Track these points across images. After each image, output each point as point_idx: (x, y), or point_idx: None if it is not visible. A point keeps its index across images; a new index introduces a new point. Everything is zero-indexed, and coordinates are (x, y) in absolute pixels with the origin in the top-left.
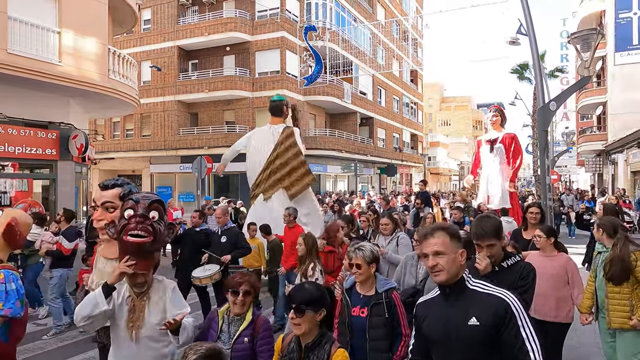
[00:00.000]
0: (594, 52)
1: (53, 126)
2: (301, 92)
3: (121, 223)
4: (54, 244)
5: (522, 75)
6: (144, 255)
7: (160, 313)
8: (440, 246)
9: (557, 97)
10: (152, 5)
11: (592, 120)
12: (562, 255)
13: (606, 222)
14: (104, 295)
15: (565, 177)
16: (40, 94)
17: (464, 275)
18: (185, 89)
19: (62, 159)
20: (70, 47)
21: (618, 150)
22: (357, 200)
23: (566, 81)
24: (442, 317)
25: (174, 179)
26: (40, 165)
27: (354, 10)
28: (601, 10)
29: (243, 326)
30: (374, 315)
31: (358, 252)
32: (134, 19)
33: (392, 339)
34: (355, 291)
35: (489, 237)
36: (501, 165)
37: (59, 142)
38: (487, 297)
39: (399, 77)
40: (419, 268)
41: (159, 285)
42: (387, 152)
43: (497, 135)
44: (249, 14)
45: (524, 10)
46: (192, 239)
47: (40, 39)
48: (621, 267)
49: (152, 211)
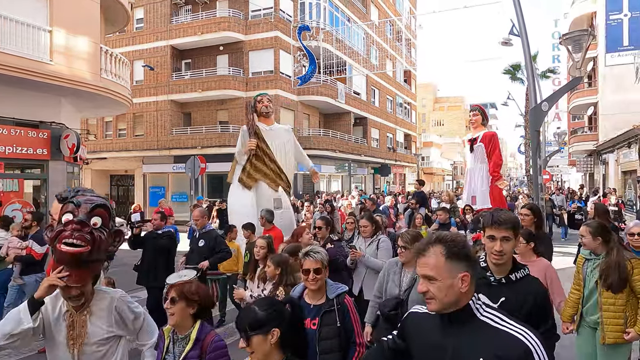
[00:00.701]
0: (585, 53)
1: (44, 126)
2: (295, 92)
3: (57, 229)
4: (24, 249)
5: (515, 75)
6: (80, 266)
7: (106, 327)
8: (432, 270)
9: (549, 97)
10: (144, 4)
11: (584, 121)
12: (542, 260)
13: (596, 226)
14: (29, 311)
15: (557, 177)
16: (31, 93)
17: (470, 303)
18: (179, 89)
19: (54, 159)
20: (61, 45)
21: (609, 150)
22: (349, 202)
23: (558, 82)
24: (439, 346)
25: (167, 179)
26: (31, 165)
27: (347, 11)
28: (592, 12)
29: (188, 347)
30: (324, 325)
31: (316, 256)
32: (127, 17)
33: (345, 351)
34: (304, 302)
35: (505, 228)
36: (481, 165)
37: (50, 141)
38: (503, 336)
39: (392, 78)
40: (403, 276)
41: (102, 296)
42: (380, 152)
43: (477, 134)
44: (243, 13)
45: (516, 11)
46: (153, 242)
47: (31, 37)
48: (619, 275)
49: (95, 217)
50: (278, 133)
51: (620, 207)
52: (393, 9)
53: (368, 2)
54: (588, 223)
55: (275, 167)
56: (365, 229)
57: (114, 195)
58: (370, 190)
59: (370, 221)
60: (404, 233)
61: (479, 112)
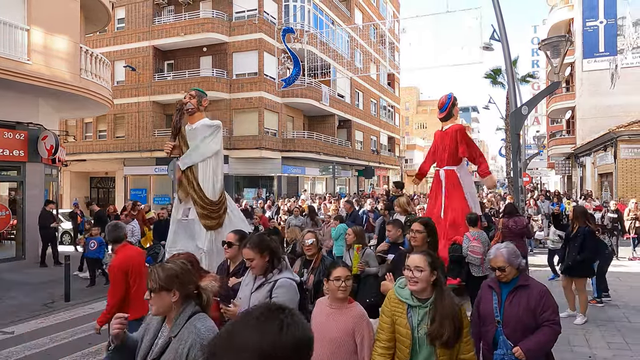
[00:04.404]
0: (563, 59)
1: (21, 126)
2: (279, 94)
3: None
4: None
5: (495, 80)
6: None
7: None
8: None
9: (529, 101)
10: (126, 4)
11: (562, 124)
12: (356, 306)
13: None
14: None
15: (537, 180)
16: (7, 94)
17: None
18: (161, 90)
19: (31, 161)
20: (40, 45)
21: (586, 153)
22: (334, 206)
23: (537, 86)
24: None
25: (149, 181)
26: (8, 167)
27: (331, 14)
28: (570, 18)
29: None
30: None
31: None
32: (108, 17)
33: None
34: None
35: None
36: None
37: (27, 143)
38: None
39: (376, 81)
40: None
41: None
42: (364, 154)
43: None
44: (226, 14)
45: (497, 17)
46: None
47: (7, 36)
48: (454, 325)
49: None
50: (196, 133)
51: (620, 213)
52: (377, 13)
53: (352, 5)
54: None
55: (189, 173)
56: (251, 263)
57: (94, 197)
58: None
59: (257, 249)
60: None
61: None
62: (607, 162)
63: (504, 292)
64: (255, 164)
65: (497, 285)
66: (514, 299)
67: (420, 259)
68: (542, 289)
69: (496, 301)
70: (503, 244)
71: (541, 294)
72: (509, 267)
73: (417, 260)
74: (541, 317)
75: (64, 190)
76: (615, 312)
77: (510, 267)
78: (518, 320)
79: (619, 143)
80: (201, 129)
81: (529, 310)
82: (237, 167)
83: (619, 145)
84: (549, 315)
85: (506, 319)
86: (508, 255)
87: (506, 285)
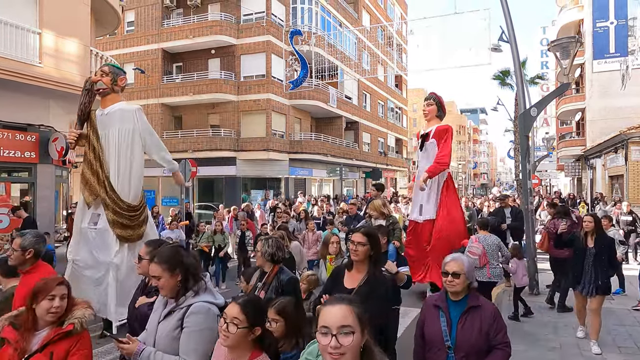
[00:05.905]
0: (573, 60)
1: (32, 128)
2: (287, 96)
3: None
4: None
5: (504, 81)
6: None
7: None
8: None
9: (538, 103)
10: (135, 7)
11: (572, 126)
12: None
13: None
14: None
15: (546, 182)
16: (19, 96)
17: None
18: (170, 92)
19: (42, 162)
20: (51, 48)
21: (596, 155)
22: (319, 206)
23: (546, 88)
24: None
25: (157, 183)
26: (19, 169)
27: (339, 16)
28: (579, 19)
29: None
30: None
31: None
32: (117, 20)
33: None
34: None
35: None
36: None
37: (38, 145)
38: None
39: (383, 82)
40: None
41: None
42: (372, 156)
43: (429, 129)
44: (235, 17)
45: (506, 18)
46: None
47: (20, 39)
48: None
49: None
50: (112, 118)
51: (635, 217)
52: (384, 15)
53: (360, 7)
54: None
55: (99, 169)
56: (157, 282)
57: None
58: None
59: (165, 265)
60: None
61: (433, 102)
62: (617, 164)
63: (453, 313)
64: (262, 165)
65: (445, 305)
66: (466, 322)
67: (344, 312)
68: (494, 309)
69: (444, 323)
70: (465, 255)
71: (494, 316)
72: (463, 276)
73: (339, 316)
74: (495, 339)
75: (73, 192)
76: (626, 316)
77: (465, 278)
78: (472, 345)
79: (630, 145)
80: (117, 117)
81: (482, 334)
82: (244, 169)
83: (630, 147)
84: (501, 337)
85: (459, 344)
86: (469, 266)
87: (455, 304)
